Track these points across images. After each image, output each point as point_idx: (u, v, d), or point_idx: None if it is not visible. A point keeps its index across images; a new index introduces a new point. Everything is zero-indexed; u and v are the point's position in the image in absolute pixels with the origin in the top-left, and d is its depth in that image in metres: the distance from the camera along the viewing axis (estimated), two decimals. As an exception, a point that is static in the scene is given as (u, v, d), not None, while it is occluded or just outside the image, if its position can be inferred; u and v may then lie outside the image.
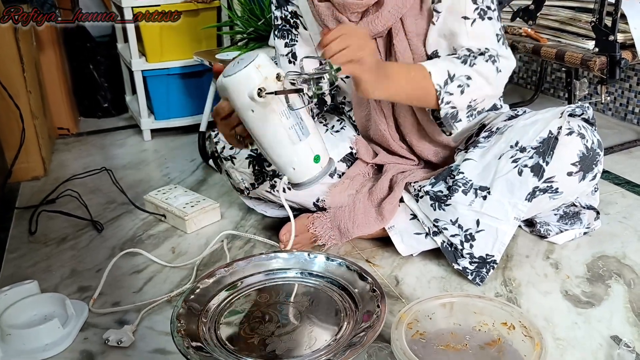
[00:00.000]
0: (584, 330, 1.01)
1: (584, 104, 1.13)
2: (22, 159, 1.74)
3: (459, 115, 1.12)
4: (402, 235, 1.22)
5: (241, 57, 0.93)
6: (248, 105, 0.92)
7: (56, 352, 1.00)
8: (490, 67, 1.09)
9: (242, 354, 0.84)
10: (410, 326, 0.90)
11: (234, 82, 0.91)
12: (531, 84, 2.44)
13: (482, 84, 1.10)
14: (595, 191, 1.28)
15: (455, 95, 1.09)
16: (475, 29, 1.11)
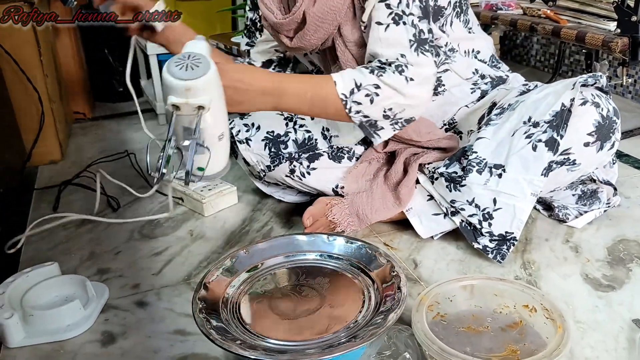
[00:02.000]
0: (605, 314, 1.00)
1: (597, 74, 1.11)
2: (40, 142, 1.75)
3: (378, 124, 1.09)
4: (421, 217, 1.22)
5: (198, 61, 0.92)
6: (167, 101, 0.92)
7: (77, 333, 1.01)
8: (398, 78, 1.04)
9: (262, 335, 0.84)
10: (430, 308, 0.89)
11: (164, 80, 0.91)
12: (549, 67, 2.41)
13: (392, 94, 1.05)
14: (613, 164, 1.27)
15: (364, 104, 1.06)
16: (388, 35, 1.06)
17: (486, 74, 1.28)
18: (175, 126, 0.94)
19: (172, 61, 0.91)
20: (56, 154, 1.80)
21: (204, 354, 0.95)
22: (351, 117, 1.08)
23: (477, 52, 1.27)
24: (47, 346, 0.98)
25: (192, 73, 0.90)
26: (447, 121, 1.30)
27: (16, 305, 1.03)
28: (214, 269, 0.95)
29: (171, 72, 0.90)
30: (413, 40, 1.05)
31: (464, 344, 0.85)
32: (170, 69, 0.90)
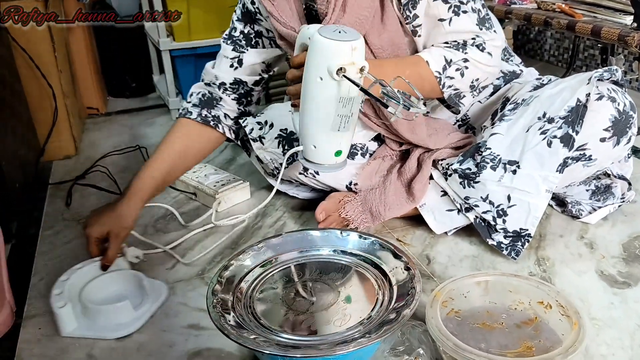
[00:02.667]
0: (620, 311, 0.99)
1: (613, 68, 1.10)
2: (54, 138, 1.76)
3: (462, 94, 1.16)
4: (434, 212, 1.21)
5: (343, 28, 0.92)
6: (320, 72, 0.91)
7: (124, 334, 0.99)
8: (481, 54, 1.13)
9: (276, 330, 0.84)
10: (444, 304, 0.89)
11: (326, 46, 0.90)
12: (563, 62, 2.39)
13: (479, 66, 1.12)
14: (628, 158, 1.26)
15: (456, 79, 1.12)
16: (454, 27, 1.11)
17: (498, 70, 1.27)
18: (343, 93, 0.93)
19: (326, 29, 0.91)
20: (70, 149, 1.81)
21: (218, 348, 0.95)
22: (443, 92, 1.14)
23: None
24: (64, 339, 0.99)
25: (350, 35, 0.91)
26: (460, 117, 1.29)
27: (75, 295, 1.03)
28: (228, 264, 0.96)
29: (331, 37, 0.90)
30: (478, 23, 1.12)
31: (478, 341, 0.85)
32: (327, 35, 0.90)
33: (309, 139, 1.00)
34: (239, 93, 1.30)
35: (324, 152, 0.99)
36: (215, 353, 0.94)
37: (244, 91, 1.30)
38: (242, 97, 1.31)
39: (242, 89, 1.30)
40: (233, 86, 1.29)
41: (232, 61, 1.28)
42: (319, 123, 0.97)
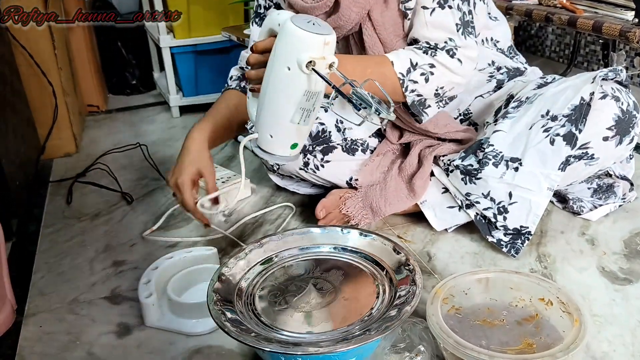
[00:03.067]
0: (621, 307, 0.99)
1: (617, 68, 1.10)
2: (54, 135, 1.76)
3: (427, 102, 1.13)
4: (435, 209, 1.21)
5: (317, 21, 0.90)
6: (289, 62, 0.89)
7: (201, 330, 0.98)
8: (451, 60, 1.09)
9: (277, 327, 0.84)
10: (445, 301, 0.89)
11: (298, 37, 0.87)
12: (564, 58, 2.38)
13: (446, 73, 1.10)
14: (630, 159, 1.25)
15: (419, 83, 1.09)
16: (434, 19, 1.09)
17: (502, 66, 1.27)
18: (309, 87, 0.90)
19: (298, 19, 0.88)
20: (71, 146, 1.81)
21: (219, 346, 0.95)
22: (406, 96, 1.11)
23: (496, 41, 1.26)
24: (65, 337, 0.99)
25: (323, 28, 0.88)
26: (463, 111, 1.29)
27: (162, 285, 1.04)
28: (229, 261, 0.96)
29: (305, 28, 0.87)
30: (459, 24, 1.09)
31: (479, 338, 0.84)
32: (301, 25, 0.87)
33: (267, 127, 0.96)
34: None
35: (280, 142, 0.96)
36: (216, 351, 0.94)
37: None
38: None
39: None
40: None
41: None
42: (279, 113, 0.94)
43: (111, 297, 1.10)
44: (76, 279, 1.16)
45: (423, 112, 1.14)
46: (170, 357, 0.94)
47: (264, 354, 0.84)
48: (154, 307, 1.00)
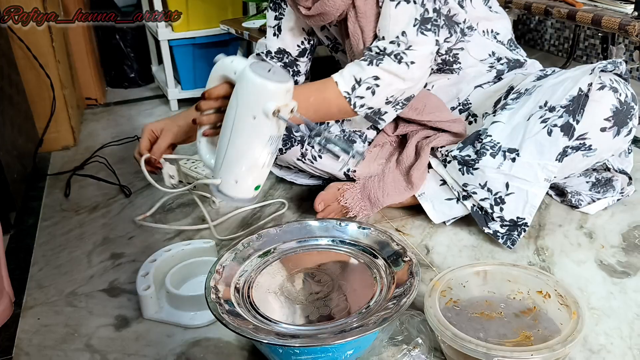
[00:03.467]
0: (619, 300, 0.99)
1: (617, 60, 1.10)
2: (52, 128, 1.76)
3: (382, 110, 1.14)
4: (433, 201, 1.21)
5: (275, 68, 0.92)
6: (254, 111, 0.90)
7: (199, 323, 0.99)
8: (397, 66, 1.08)
9: (275, 320, 0.84)
10: (443, 294, 0.89)
11: (263, 87, 0.89)
12: (563, 52, 2.38)
13: (393, 81, 1.09)
14: (629, 153, 1.25)
15: (366, 97, 1.10)
16: (398, 12, 1.08)
17: (502, 56, 1.26)
18: (275, 132, 0.93)
19: (258, 67, 0.90)
20: (69, 139, 1.81)
21: (216, 338, 0.95)
22: (356, 112, 1.12)
23: (496, 33, 1.26)
24: (63, 329, 0.99)
25: (283, 76, 0.91)
26: (462, 101, 1.28)
27: (161, 278, 1.04)
28: (227, 253, 0.96)
29: (267, 77, 0.89)
30: (418, 19, 1.08)
31: (477, 330, 0.85)
32: (263, 75, 0.89)
33: (232, 174, 0.97)
34: (284, 62, 1.33)
35: (245, 187, 0.97)
36: (214, 343, 0.94)
37: (289, 61, 1.33)
38: (288, 66, 1.34)
39: (287, 58, 1.33)
40: (278, 55, 1.33)
41: (274, 29, 1.31)
42: (246, 160, 0.95)
43: (109, 289, 1.10)
44: (74, 272, 1.16)
45: (379, 120, 1.16)
46: (168, 349, 0.94)
47: (262, 346, 0.85)
48: (152, 299, 1.00)
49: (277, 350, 0.81)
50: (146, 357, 0.92)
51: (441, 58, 1.24)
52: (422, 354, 0.86)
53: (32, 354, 0.94)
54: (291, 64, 1.34)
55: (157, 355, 0.93)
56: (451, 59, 1.24)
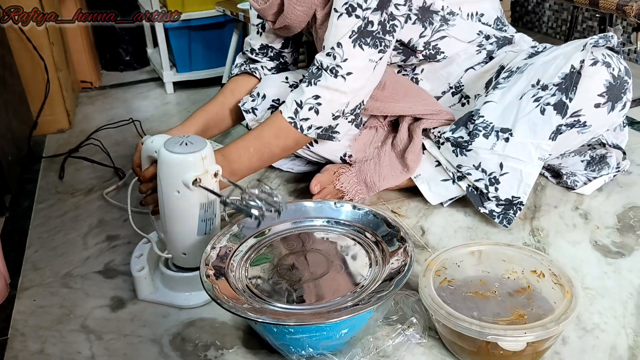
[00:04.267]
0: (613, 280, 1.00)
1: (608, 34, 1.09)
2: (47, 111, 1.75)
3: (332, 126, 1.13)
4: (429, 183, 1.21)
5: (189, 139, 0.92)
6: (176, 186, 0.91)
7: (194, 303, 0.99)
8: (334, 80, 1.08)
9: (270, 300, 0.84)
10: (438, 273, 0.89)
11: (177, 161, 0.89)
12: (561, 34, 2.37)
13: (333, 96, 1.09)
14: (624, 127, 1.25)
15: (312, 118, 1.10)
16: (339, 23, 1.07)
17: (491, 34, 1.25)
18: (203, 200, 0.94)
19: (171, 143, 0.91)
20: (64, 122, 1.80)
21: (212, 318, 0.95)
22: (306, 135, 1.12)
23: (480, 14, 1.24)
24: (58, 310, 1.00)
25: (197, 145, 0.91)
26: (454, 84, 1.28)
27: (155, 258, 1.04)
28: (222, 234, 0.96)
29: (179, 151, 0.90)
30: (355, 31, 1.06)
31: (471, 309, 0.85)
32: (175, 150, 0.90)
33: (178, 247, 0.98)
34: (269, 56, 1.34)
35: (194, 257, 0.97)
36: (209, 323, 0.95)
37: (274, 54, 1.34)
38: (274, 59, 1.35)
39: (271, 52, 1.34)
40: (262, 51, 1.33)
41: (257, 27, 1.32)
42: (185, 232, 0.96)
43: (105, 271, 1.10)
44: (69, 254, 1.16)
45: (332, 135, 1.15)
46: (164, 329, 0.94)
47: (257, 326, 0.85)
48: (146, 280, 1.00)
49: (271, 330, 0.81)
50: (141, 337, 0.93)
51: (422, 54, 1.23)
52: (416, 333, 0.86)
53: (27, 335, 0.94)
54: (277, 56, 1.34)
55: (153, 335, 0.93)
56: (432, 51, 1.23)
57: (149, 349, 0.90)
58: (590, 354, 0.85)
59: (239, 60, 1.39)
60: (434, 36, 1.20)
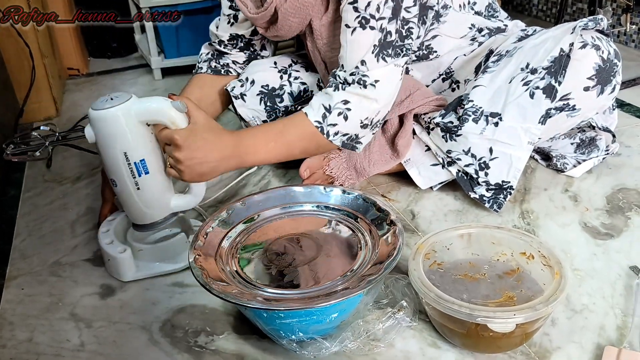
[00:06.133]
0: (602, 261, 1.00)
1: (597, 17, 1.08)
2: (34, 99, 1.72)
3: (359, 136, 1.09)
4: (419, 168, 1.21)
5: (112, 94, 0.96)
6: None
7: (180, 267, 1.02)
8: (363, 90, 1.04)
9: (260, 285, 0.84)
10: (427, 257, 0.89)
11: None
12: (551, 17, 2.36)
13: (363, 103, 1.05)
14: (613, 109, 1.25)
15: (339, 124, 1.06)
16: (354, 38, 1.03)
17: (484, 27, 1.24)
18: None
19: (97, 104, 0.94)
20: (51, 110, 1.78)
21: (202, 304, 0.95)
22: (331, 141, 1.07)
23: (473, 3, 1.23)
24: (47, 299, 0.99)
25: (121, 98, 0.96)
26: (444, 70, 1.27)
27: (122, 241, 1.04)
28: (211, 220, 0.95)
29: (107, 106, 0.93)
30: (377, 45, 1.02)
31: (460, 292, 0.85)
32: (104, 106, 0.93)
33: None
34: (239, 47, 1.30)
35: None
36: (199, 309, 0.94)
37: (244, 43, 1.30)
38: (244, 48, 1.31)
39: (241, 41, 1.29)
40: (231, 42, 1.29)
41: (228, 17, 1.27)
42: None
43: (93, 259, 1.09)
44: (58, 242, 1.15)
45: (355, 146, 1.11)
46: (154, 316, 0.94)
47: (247, 311, 0.84)
48: (129, 260, 1.00)
49: (262, 315, 0.81)
50: (131, 324, 0.92)
51: (415, 55, 1.23)
52: (406, 316, 0.86)
53: (16, 323, 0.94)
54: (246, 45, 1.30)
55: (142, 322, 0.92)
56: (425, 52, 1.22)
57: (139, 336, 0.90)
58: (579, 334, 0.85)
59: (205, 51, 1.32)
60: (427, 36, 1.19)
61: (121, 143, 0.92)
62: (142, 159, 0.94)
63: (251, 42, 1.30)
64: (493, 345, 0.81)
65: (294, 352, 0.82)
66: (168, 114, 0.93)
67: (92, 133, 0.94)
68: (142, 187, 0.96)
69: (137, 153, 0.93)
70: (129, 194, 0.96)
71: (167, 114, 0.93)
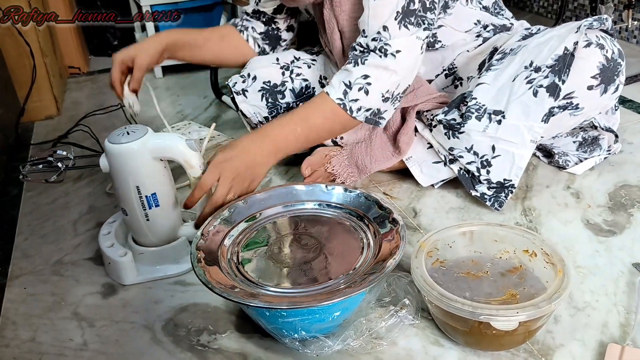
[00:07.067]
0: (605, 258, 1.00)
1: (602, 16, 1.08)
2: (35, 98, 1.72)
3: (381, 110, 1.09)
4: (421, 165, 1.20)
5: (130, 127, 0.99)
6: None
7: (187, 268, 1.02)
8: (384, 60, 1.04)
9: (262, 283, 0.84)
10: (430, 254, 0.89)
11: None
12: (552, 13, 2.35)
13: (383, 75, 1.05)
14: (616, 110, 1.25)
15: (361, 99, 1.06)
16: (377, 3, 1.03)
17: (489, 23, 1.24)
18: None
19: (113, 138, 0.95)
20: (52, 109, 1.78)
21: (204, 303, 0.95)
22: (355, 117, 1.08)
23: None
24: (49, 298, 0.99)
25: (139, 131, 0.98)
26: (447, 66, 1.27)
27: (123, 244, 1.04)
28: (213, 219, 0.95)
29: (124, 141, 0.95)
30: (400, 12, 1.03)
31: (463, 289, 0.85)
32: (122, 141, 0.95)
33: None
34: (262, 20, 1.32)
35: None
36: (201, 308, 0.94)
37: (266, 19, 1.32)
38: (266, 24, 1.32)
39: (264, 17, 1.31)
40: (255, 15, 1.31)
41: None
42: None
43: (95, 257, 1.09)
44: (60, 241, 1.15)
45: (378, 121, 1.11)
46: (156, 315, 0.93)
47: (249, 310, 0.84)
48: (130, 264, 1.00)
49: (264, 313, 0.81)
50: (134, 323, 0.92)
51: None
52: (409, 314, 0.86)
53: (19, 323, 0.94)
54: (269, 21, 1.32)
55: (145, 321, 0.92)
56: (430, 39, 1.21)
57: (142, 335, 0.90)
58: (582, 332, 0.85)
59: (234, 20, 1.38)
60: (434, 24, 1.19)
61: (134, 177, 0.94)
62: (153, 193, 0.96)
63: (274, 19, 1.32)
64: (496, 343, 0.81)
65: (297, 351, 0.82)
66: (182, 153, 0.94)
67: (107, 164, 0.96)
68: (152, 219, 0.98)
69: (149, 187, 0.95)
70: (138, 223, 0.99)
71: (180, 153, 0.94)
